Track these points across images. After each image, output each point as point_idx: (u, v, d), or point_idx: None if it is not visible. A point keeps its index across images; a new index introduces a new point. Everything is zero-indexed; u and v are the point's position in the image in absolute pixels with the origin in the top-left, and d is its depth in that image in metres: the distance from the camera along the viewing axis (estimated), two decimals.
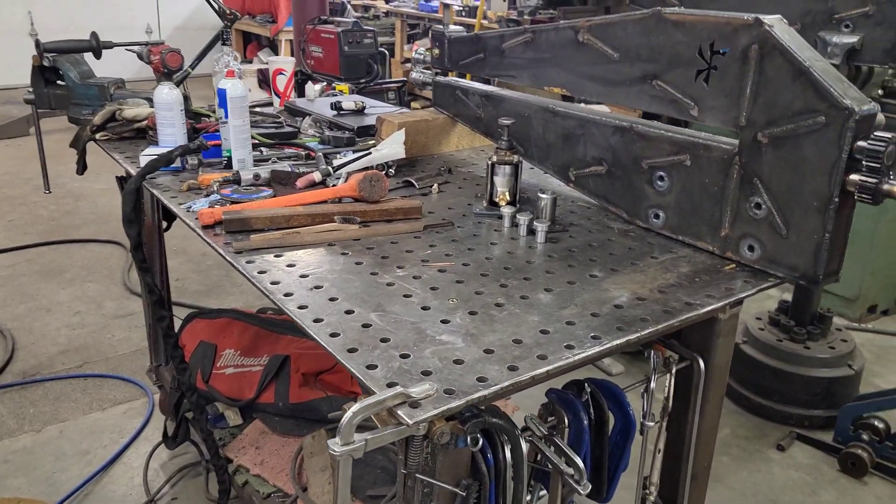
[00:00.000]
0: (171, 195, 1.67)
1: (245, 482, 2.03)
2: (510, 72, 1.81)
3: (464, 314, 1.18)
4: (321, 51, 3.30)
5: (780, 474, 2.56)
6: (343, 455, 0.92)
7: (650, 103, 1.49)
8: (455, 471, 1.11)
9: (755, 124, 1.30)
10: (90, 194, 5.01)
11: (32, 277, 3.87)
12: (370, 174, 1.56)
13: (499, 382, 1.00)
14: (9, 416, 2.73)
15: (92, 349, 3.20)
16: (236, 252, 1.38)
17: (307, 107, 2.37)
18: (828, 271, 1.28)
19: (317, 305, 1.19)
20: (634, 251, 1.46)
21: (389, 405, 0.94)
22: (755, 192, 1.33)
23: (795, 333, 2.83)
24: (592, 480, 1.43)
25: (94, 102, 2.23)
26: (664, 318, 1.19)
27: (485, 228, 1.55)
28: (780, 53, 1.24)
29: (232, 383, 2.25)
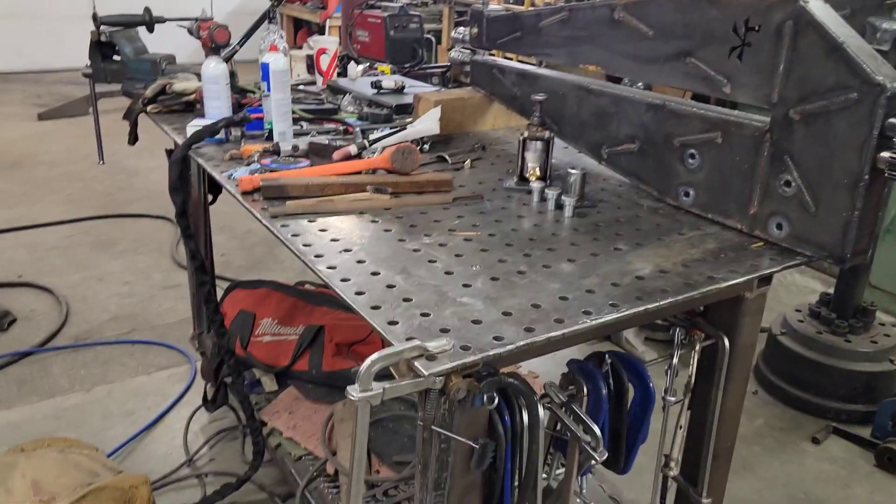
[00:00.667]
0: (214, 164, 1.74)
1: (278, 444, 2.10)
2: (546, 50, 1.83)
3: (485, 280, 1.21)
4: (367, 35, 3.35)
5: (813, 466, 2.53)
6: (361, 400, 0.96)
7: (683, 80, 1.49)
8: (472, 429, 1.14)
9: (787, 101, 1.30)
10: (143, 171, 5.18)
11: (87, 248, 4.03)
12: (403, 147, 1.60)
13: (514, 342, 1.03)
14: (61, 376, 2.88)
15: (140, 317, 3.33)
16: (272, 216, 1.44)
17: (348, 86, 2.42)
18: (856, 250, 1.27)
19: (345, 267, 1.24)
20: (662, 227, 1.46)
21: (407, 357, 0.98)
22: (785, 170, 1.33)
23: (837, 326, 2.78)
24: (611, 451, 1.45)
25: (147, 76, 2.32)
26: (685, 290, 1.20)
27: (514, 202, 1.58)
28: (815, 29, 1.23)
29: (268, 351, 2.32)
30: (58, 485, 1.20)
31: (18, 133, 6.05)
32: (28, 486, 1.16)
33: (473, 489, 1.22)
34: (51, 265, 3.81)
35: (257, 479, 2.27)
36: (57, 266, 3.81)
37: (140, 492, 1.37)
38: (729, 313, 1.45)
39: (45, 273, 3.71)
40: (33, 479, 1.20)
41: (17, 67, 8.17)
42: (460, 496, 1.19)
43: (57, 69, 8.15)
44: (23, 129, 6.17)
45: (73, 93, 7.08)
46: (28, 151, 5.60)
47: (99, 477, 1.30)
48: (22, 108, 6.83)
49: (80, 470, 1.29)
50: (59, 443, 1.32)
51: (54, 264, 3.83)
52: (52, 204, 4.61)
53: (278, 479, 2.31)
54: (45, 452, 1.30)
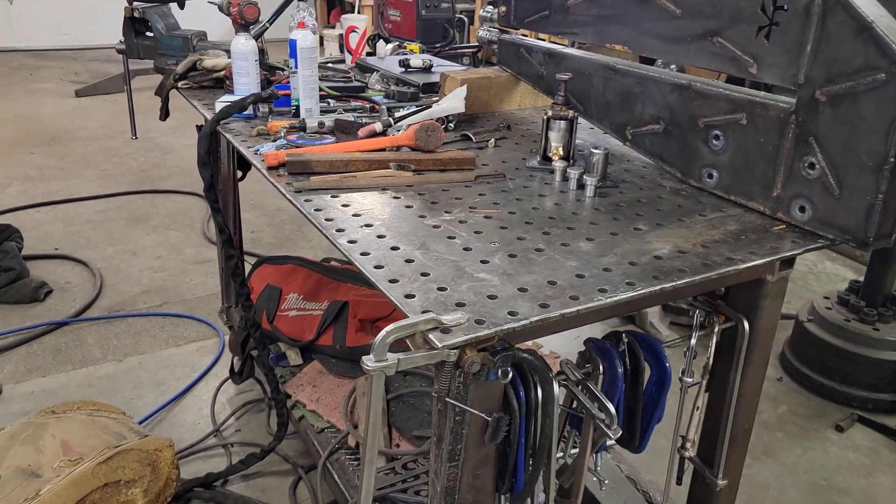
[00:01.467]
0: (241, 139, 1.77)
1: (301, 417, 2.15)
2: (573, 29, 1.82)
3: (503, 256, 1.22)
4: (399, 14, 3.35)
5: (836, 454, 2.51)
6: (376, 371, 0.98)
7: (710, 60, 1.48)
8: (487, 403, 1.16)
9: (814, 82, 1.28)
10: (177, 149, 5.27)
11: (121, 223, 4.13)
12: (427, 124, 1.61)
13: (528, 317, 1.05)
14: (95, 346, 2.96)
15: (171, 291, 3.41)
16: (296, 191, 1.46)
17: (377, 64, 2.44)
18: (879, 234, 1.25)
19: (366, 241, 1.26)
20: (684, 208, 1.46)
21: (422, 329, 1.00)
22: (809, 152, 1.31)
23: (865, 314, 2.74)
24: (626, 430, 1.46)
25: (179, 53, 2.36)
26: (702, 270, 1.20)
27: (536, 181, 1.58)
28: (844, 8, 1.21)
29: (294, 325, 2.37)
30: (86, 445, 1.25)
31: (56, 109, 6.19)
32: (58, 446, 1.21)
33: (488, 462, 1.24)
34: (86, 238, 3.91)
35: (281, 451, 2.33)
36: (92, 239, 3.90)
37: (164, 455, 1.42)
38: (750, 296, 1.45)
39: (80, 246, 3.81)
40: (63, 440, 1.25)
41: (56, 44, 8.33)
42: (474, 468, 1.22)
43: (95, 46, 8.30)
44: (61, 106, 6.30)
45: (109, 70, 7.21)
46: (65, 127, 5.73)
47: (126, 440, 1.35)
48: (60, 85, 6.97)
49: (107, 432, 1.34)
50: (88, 406, 1.37)
51: (89, 238, 3.92)
52: (88, 179, 4.72)
53: (301, 450, 2.36)
54: (75, 415, 1.35)
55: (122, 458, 1.29)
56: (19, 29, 8.19)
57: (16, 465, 1.20)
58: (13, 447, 1.21)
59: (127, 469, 1.31)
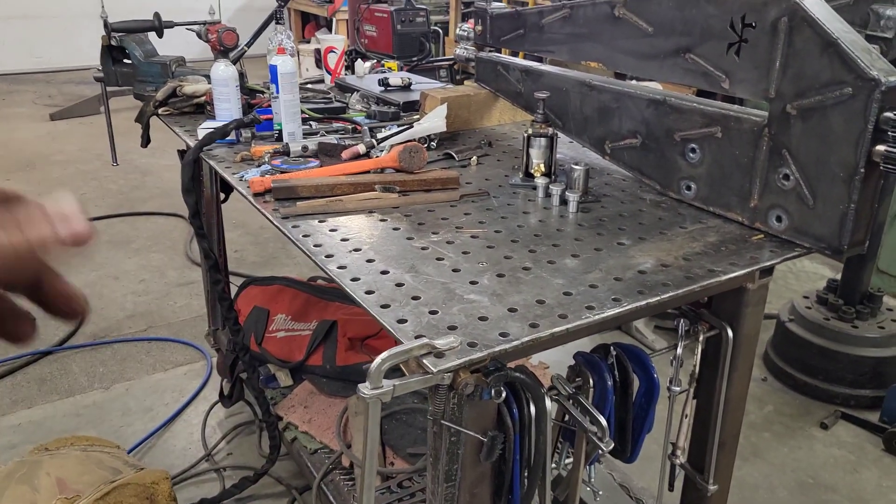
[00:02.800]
0: (225, 165, 1.78)
1: (294, 438, 2.16)
2: (549, 47, 1.85)
3: (492, 276, 1.25)
4: (375, 30, 3.38)
5: (822, 452, 2.56)
6: (372, 398, 1.00)
7: (683, 76, 1.52)
8: (481, 422, 1.18)
9: (784, 96, 1.32)
10: (156, 170, 5.24)
11: (102, 247, 4.10)
12: (410, 145, 1.63)
13: (519, 338, 1.07)
14: (80, 374, 2.94)
15: (156, 314, 3.39)
16: (283, 217, 1.48)
17: (356, 83, 2.46)
18: (853, 241, 1.29)
19: (355, 266, 1.28)
20: (664, 221, 1.49)
21: (416, 354, 1.02)
22: (783, 164, 1.35)
23: (844, 312, 2.80)
24: (617, 441, 1.49)
25: (158, 79, 2.36)
26: (685, 283, 1.24)
27: (519, 199, 1.61)
28: (809, 25, 1.26)
29: (283, 346, 2.37)
30: (82, 482, 1.26)
31: (31, 134, 6.13)
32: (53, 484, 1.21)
33: (484, 480, 1.26)
34: (66, 264, 3.87)
35: (274, 473, 2.33)
36: (72, 265, 3.86)
37: (161, 487, 1.42)
38: (732, 304, 1.48)
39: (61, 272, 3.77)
40: (58, 478, 1.25)
41: (29, 67, 8.26)
42: (471, 487, 1.23)
43: (68, 68, 8.23)
44: (36, 130, 6.24)
45: (84, 92, 7.16)
46: (41, 152, 5.68)
47: (121, 474, 1.35)
48: (34, 109, 6.91)
49: (102, 467, 1.35)
50: (82, 441, 1.37)
51: (69, 263, 3.88)
52: None
53: (295, 472, 2.37)
54: (69, 451, 1.35)
55: (120, 494, 1.29)
56: None
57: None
58: (8, 487, 1.21)
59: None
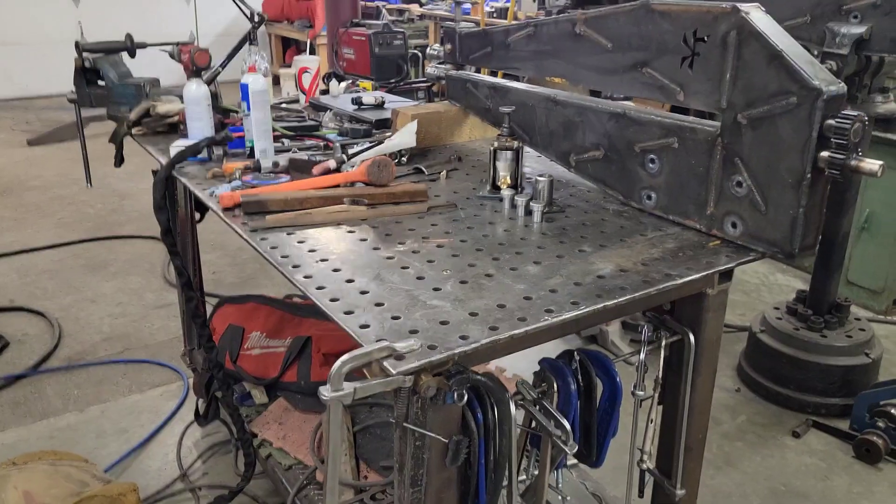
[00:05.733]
0: (196, 182, 1.81)
1: (268, 455, 2.16)
2: (515, 64, 1.91)
3: (455, 283, 1.28)
4: (353, 52, 3.44)
5: (794, 460, 2.59)
6: (333, 400, 1.02)
7: (641, 90, 1.57)
8: (446, 426, 1.20)
9: (735, 106, 1.37)
10: (134, 194, 5.24)
11: (79, 271, 4.08)
12: (378, 159, 1.67)
13: (479, 340, 1.10)
14: (55, 397, 2.92)
15: (132, 337, 3.38)
16: (252, 230, 1.50)
17: (330, 102, 2.50)
18: (803, 245, 1.34)
19: (322, 276, 1.30)
20: (625, 229, 1.53)
21: (376, 357, 1.04)
22: (736, 171, 1.40)
23: (813, 322, 2.85)
24: (583, 445, 1.51)
25: (132, 100, 2.38)
26: (642, 287, 1.27)
27: (486, 210, 1.65)
28: (756, 39, 1.31)
29: (258, 363, 2.38)
30: (49, 495, 1.25)
31: (8, 160, 6.11)
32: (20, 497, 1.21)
33: (450, 485, 1.27)
34: (42, 289, 3.86)
35: (250, 491, 2.33)
36: (49, 289, 3.85)
37: (128, 499, 1.42)
38: (693, 310, 1.52)
39: (37, 297, 3.76)
40: (25, 491, 1.25)
41: (7, 94, 8.23)
42: (437, 492, 1.25)
43: (46, 95, 8.22)
44: (13, 156, 6.22)
45: (62, 118, 7.15)
46: (18, 177, 5.66)
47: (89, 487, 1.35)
48: (12, 135, 6.89)
49: (70, 480, 1.35)
50: (50, 455, 1.37)
51: (46, 288, 3.87)
52: (44, 228, 4.66)
53: (271, 490, 2.36)
54: (37, 465, 1.35)
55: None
56: None
57: None
58: None
59: None
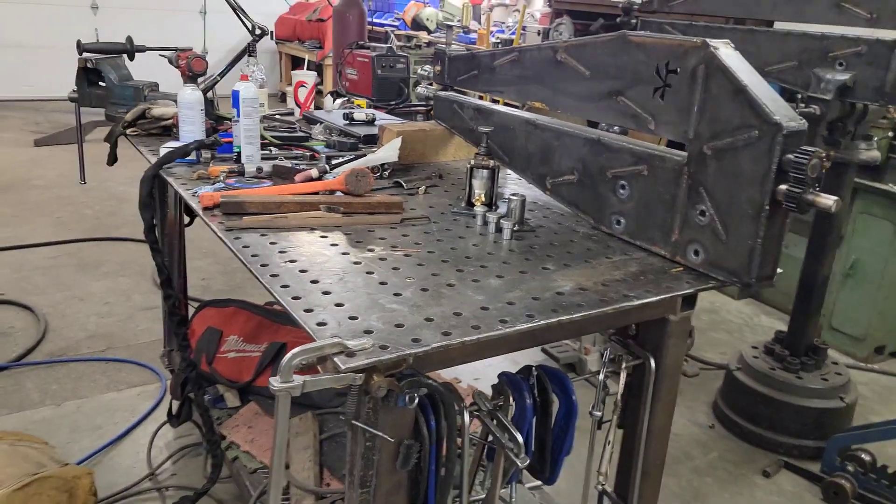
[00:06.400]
0: (182, 182, 1.85)
1: (235, 457, 2.17)
2: (499, 87, 1.96)
3: (416, 290, 1.31)
4: (356, 73, 3.51)
5: (763, 499, 2.59)
6: (281, 391, 1.05)
7: (615, 117, 1.61)
8: (398, 430, 1.22)
9: (701, 137, 1.42)
10: (132, 198, 5.25)
11: (71, 269, 4.12)
12: (356, 170, 1.71)
13: (430, 343, 1.13)
14: (33, 390, 2.94)
15: (116, 336, 3.40)
16: (227, 230, 1.54)
17: (322, 116, 2.55)
18: (761, 275, 1.37)
19: (288, 275, 1.34)
20: (592, 251, 1.57)
21: (327, 353, 1.07)
22: (700, 200, 1.43)
23: (789, 363, 2.87)
24: (537, 461, 1.53)
25: (130, 102, 2.45)
26: (599, 305, 1.30)
27: (459, 225, 1.68)
28: (723, 73, 1.36)
29: (232, 367, 2.40)
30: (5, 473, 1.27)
31: (14, 158, 6.18)
32: None
33: (400, 489, 1.29)
34: (34, 284, 3.89)
35: (216, 494, 2.33)
36: (40, 285, 3.89)
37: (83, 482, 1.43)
38: (656, 335, 1.55)
39: (27, 292, 3.79)
40: None
41: (19, 95, 8.35)
42: (386, 494, 1.27)
43: (57, 98, 8.32)
44: (18, 155, 6.30)
45: (70, 121, 7.20)
46: (21, 176, 5.72)
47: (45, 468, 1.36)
48: (20, 135, 6.98)
49: (27, 461, 1.36)
50: (9, 436, 1.39)
51: (37, 283, 3.91)
52: (41, 226, 4.70)
53: (236, 494, 2.36)
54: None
55: (40, 486, 1.30)
56: None
57: None
58: None
59: (44, 496, 1.32)
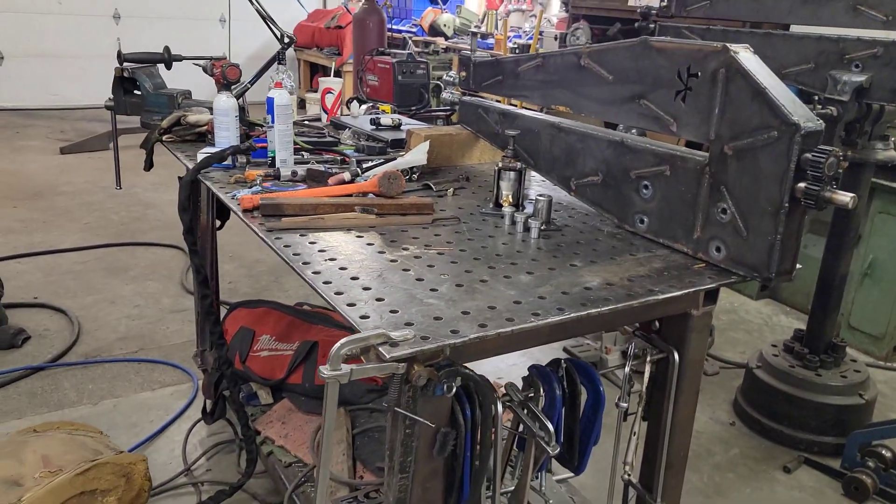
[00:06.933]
0: (220, 186, 1.93)
1: (270, 452, 2.24)
2: (523, 92, 2.03)
3: (451, 286, 1.38)
4: (377, 79, 3.59)
5: (783, 494, 2.63)
6: (330, 378, 1.12)
7: (638, 120, 1.68)
8: (436, 418, 1.29)
9: (722, 138, 1.47)
10: (158, 204, 5.41)
11: (100, 274, 4.23)
12: (389, 172, 1.78)
13: (468, 335, 1.19)
14: (70, 390, 3.04)
15: (147, 338, 3.50)
16: (268, 230, 1.61)
17: (350, 121, 2.63)
18: (780, 270, 1.42)
19: (329, 272, 1.41)
20: (617, 249, 1.63)
21: (373, 343, 1.14)
22: (721, 199, 1.49)
23: (808, 360, 2.90)
24: (566, 450, 1.59)
25: (164, 110, 2.54)
26: (625, 299, 1.36)
27: (488, 225, 1.75)
28: (742, 76, 1.42)
29: (265, 365, 2.48)
30: (65, 459, 1.34)
31: (41, 165, 6.33)
32: (38, 460, 1.31)
33: (436, 475, 1.36)
34: (65, 288, 4.00)
35: (251, 489, 2.41)
36: (71, 289, 4.00)
37: (138, 467, 1.51)
38: (679, 330, 1.60)
39: (59, 295, 3.90)
40: (43, 455, 1.35)
41: (44, 104, 8.53)
42: (424, 481, 1.34)
43: (82, 106, 8.51)
44: (46, 162, 6.44)
45: (95, 129, 7.40)
46: (49, 182, 5.86)
47: (102, 455, 1.44)
48: (46, 143, 7.13)
49: (85, 448, 1.44)
50: (67, 426, 1.48)
51: (68, 287, 4.02)
52: (70, 232, 4.83)
53: (270, 489, 2.44)
54: (55, 433, 1.45)
55: (99, 471, 1.38)
56: (8, 88, 8.38)
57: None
58: None
59: (102, 479, 1.40)
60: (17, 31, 8.33)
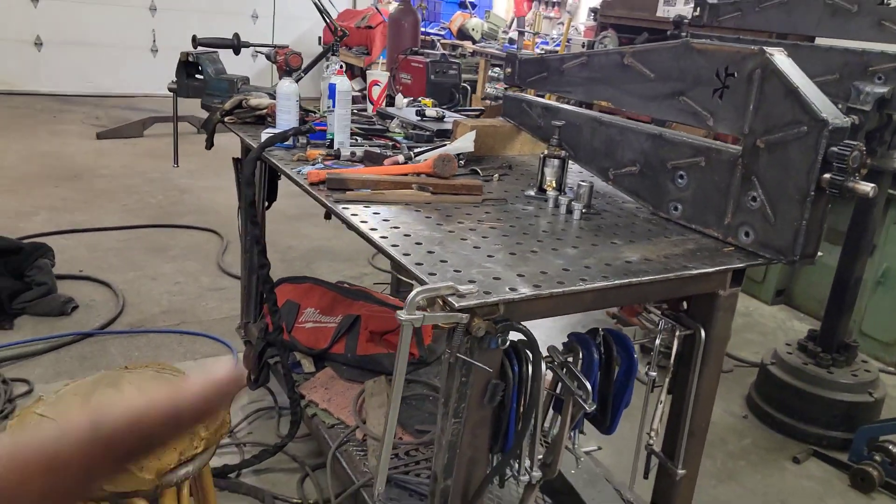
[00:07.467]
0: (283, 163, 2.10)
1: (314, 414, 2.40)
2: (567, 88, 2.18)
3: (505, 254, 1.53)
4: (410, 78, 3.76)
5: (792, 482, 2.76)
6: (406, 322, 1.27)
7: (677, 115, 1.83)
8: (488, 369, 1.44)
9: (755, 133, 1.62)
10: (194, 190, 5.60)
11: (141, 252, 4.41)
12: (443, 155, 1.94)
13: (525, 292, 1.35)
14: (118, 356, 3.21)
15: (188, 312, 3.67)
16: (335, 201, 1.78)
17: (395, 112, 2.79)
18: (804, 253, 1.57)
19: (394, 237, 1.57)
20: (652, 232, 1.78)
21: (443, 293, 1.29)
22: (752, 188, 1.64)
23: (821, 358, 3.03)
24: (599, 414, 1.74)
25: (224, 94, 2.71)
26: (662, 272, 1.51)
27: (533, 206, 1.91)
28: (777, 76, 1.57)
29: (310, 336, 2.64)
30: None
31: (79, 149, 6.54)
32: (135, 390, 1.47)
33: (484, 423, 1.51)
34: (108, 264, 4.19)
35: (290, 451, 2.57)
36: (114, 265, 4.18)
37: None
38: (706, 308, 1.75)
39: (103, 270, 4.08)
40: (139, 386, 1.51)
41: (80, 90, 8.77)
42: (474, 427, 1.49)
43: (116, 94, 8.74)
44: (83, 146, 6.66)
45: (129, 116, 7.62)
46: (88, 165, 6.07)
47: None
48: (82, 128, 7.35)
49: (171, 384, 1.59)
50: (155, 365, 1.63)
51: (111, 263, 4.20)
52: (110, 212, 5.02)
53: (309, 451, 2.60)
54: (144, 371, 1.61)
55: None
56: (46, 74, 8.64)
57: (100, 402, 1.45)
58: (97, 390, 1.48)
59: None
60: (56, 18, 8.58)
